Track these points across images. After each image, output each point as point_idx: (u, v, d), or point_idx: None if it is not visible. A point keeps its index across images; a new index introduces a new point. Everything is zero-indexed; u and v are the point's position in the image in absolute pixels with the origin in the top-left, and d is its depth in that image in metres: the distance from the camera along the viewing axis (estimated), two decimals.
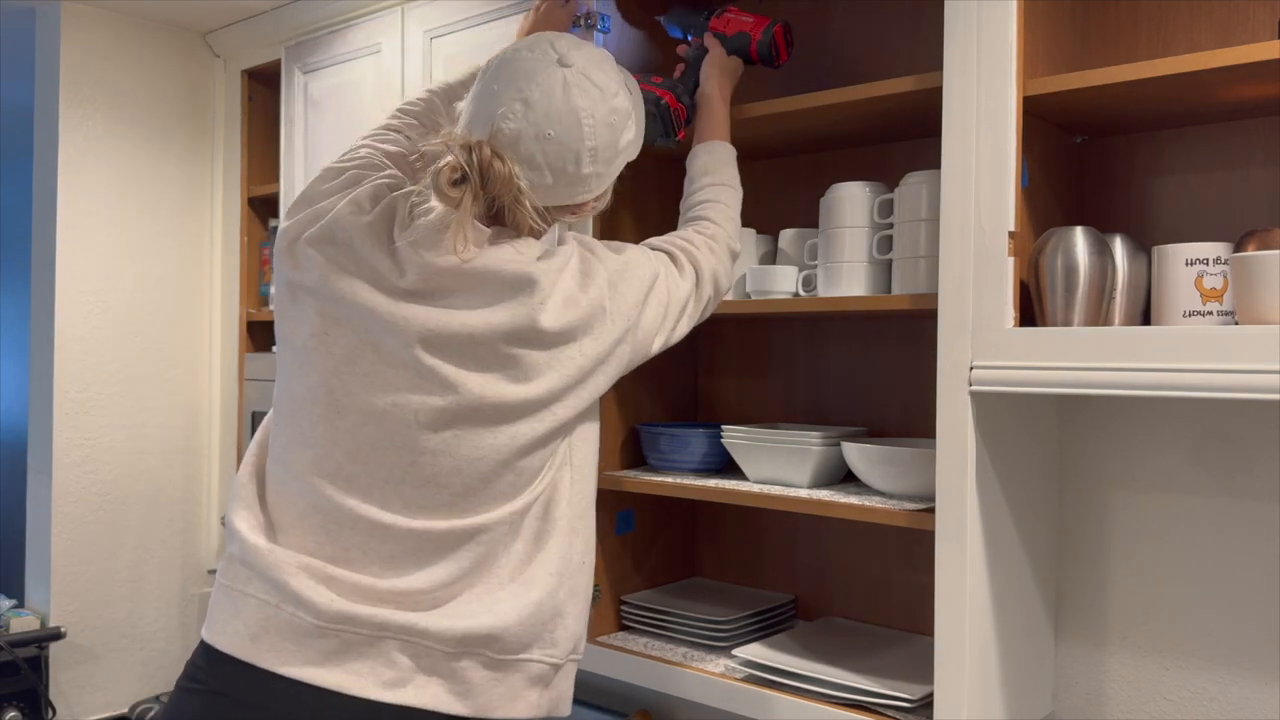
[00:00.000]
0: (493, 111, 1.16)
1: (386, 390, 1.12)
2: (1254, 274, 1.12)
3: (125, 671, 2.47)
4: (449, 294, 1.12)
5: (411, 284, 1.12)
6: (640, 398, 1.80)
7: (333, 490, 1.13)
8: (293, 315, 1.18)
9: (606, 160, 1.20)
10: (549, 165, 1.16)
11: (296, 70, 2.33)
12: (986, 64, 1.25)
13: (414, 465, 1.12)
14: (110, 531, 2.44)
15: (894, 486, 1.45)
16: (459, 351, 1.12)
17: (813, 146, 1.74)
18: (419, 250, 1.12)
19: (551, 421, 1.15)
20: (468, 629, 1.11)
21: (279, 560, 1.12)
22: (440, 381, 1.11)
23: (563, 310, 1.14)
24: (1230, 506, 1.39)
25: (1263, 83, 1.20)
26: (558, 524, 1.18)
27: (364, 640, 1.09)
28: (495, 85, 1.17)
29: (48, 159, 2.37)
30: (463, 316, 1.11)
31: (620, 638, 1.71)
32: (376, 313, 1.12)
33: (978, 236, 1.26)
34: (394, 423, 1.12)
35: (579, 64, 1.18)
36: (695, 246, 1.35)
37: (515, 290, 1.12)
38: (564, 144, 1.15)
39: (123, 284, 2.46)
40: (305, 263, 1.16)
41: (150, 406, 2.51)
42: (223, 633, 1.12)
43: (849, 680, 1.42)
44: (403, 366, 1.12)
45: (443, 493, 1.13)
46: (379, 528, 1.13)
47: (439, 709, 1.10)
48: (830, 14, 1.76)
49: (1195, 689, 1.42)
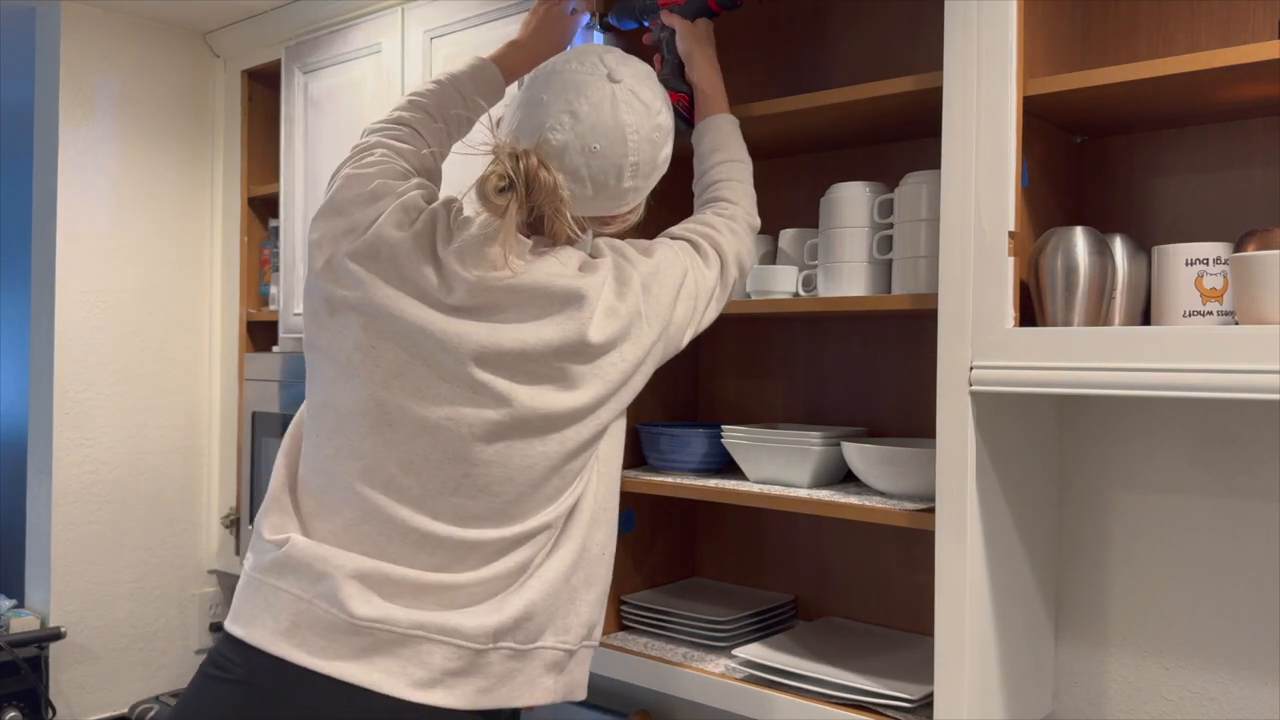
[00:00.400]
0: (540, 122, 1.17)
1: (439, 404, 1.12)
2: (1254, 274, 1.12)
3: (125, 671, 2.47)
4: (499, 310, 1.13)
5: (460, 300, 1.12)
6: (640, 398, 1.79)
7: (384, 501, 1.14)
8: (333, 327, 1.16)
9: (646, 175, 1.23)
10: (592, 178, 1.18)
11: (296, 70, 2.33)
12: (986, 64, 1.25)
13: (468, 476, 1.13)
14: (110, 531, 2.44)
15: (894, 486, 1.45)
16: (511, 366, 1.13)
17: (813, 146, 1.74)
18: (466, 266, 1.12)
19: (595, 426, 1.18)
20: (500, 621, 1.12)
21: (326, 556, 1.12)
22: (494, 395, 1.12)
23: (605, 322, 1.15)
24: (1230, 506, 1.39)
25: (1263, 83, 1.20)
26: (582, 515, 1.20)
27: (397, 639, 1.09)
28: (544, 95, 1.18)
29: (48, 159, 2.37)
30: (515, 332, 1.12)
31: (620, 638, 1.71)
32: (427, 329, 1.12)
33: (978, 236, 1.26)
34: (448, 436, 1.13)
35: (628, 80, 1.20)
36: (716, 230, 1.36)
37: (564, 305, 1.13)
38: (609, 158, 1.17)
39: (123, 284, 2.46)
40: (346, 278, 1.15)
41: (150, 406, 2.51)
42: (251, 625, 1.12)
43: (849, 680, 1.42)
44: (456, 381, 1.12)
45: (494, 500, 1.14)
46: (430, 538, 1.13)
47: (466, 707, 1.11)
48: (830, 14, 1.76)
49: (1195, 689, 1.42)
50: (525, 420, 1.13)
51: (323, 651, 1.09)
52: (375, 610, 1.09)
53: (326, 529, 1.16)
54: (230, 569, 2.57)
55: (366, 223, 1.16)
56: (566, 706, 1.97)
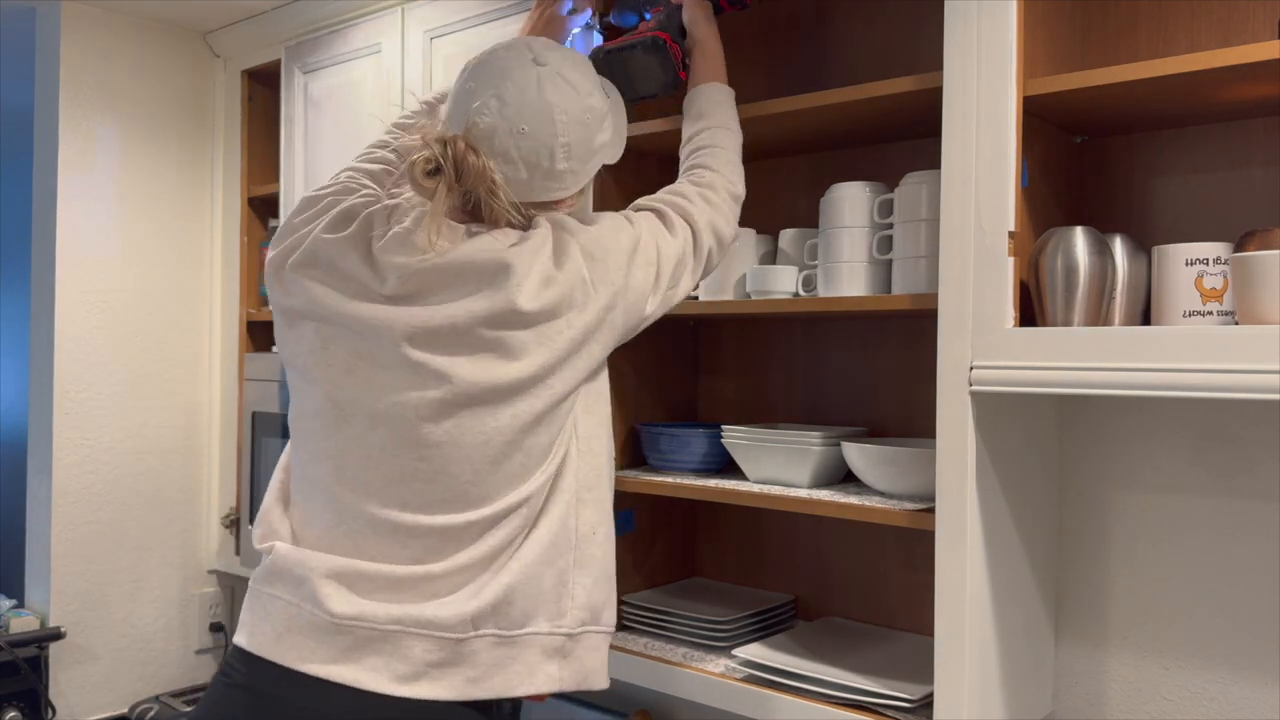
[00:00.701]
0: (468, 108, 1.19)
1: (385, 392, 1.14)
2: (1254, 274, 1.12)
3: (125, 671, 2.47)
4: (431, 292, 1.15)
5: (393, 289, 1.15)
6: (640, 398, 1.80)
7: (354, 498, 1.16)
8: (292, 339, 1.22)
9: (581, 158, 1.23)
10: (523, 159, 1.19)
11: (296, 70, 2.33)
12: (986, 64, 1.25)
13: (424, 460, 1.14)
14: (110, 531, 2.44)
15: (894, 486, 1.45)
16: (445, 342, 1.14)
17: (813, 146, 1.74)
18: (396, 254, 1.15)
19: (549, 397, 1.17)
20: (478, 607, 1.12)
21: (304, 559, 1.15)
22: (433, 374, 1.13)
23: (541, 290, 1.15)
24: (1230, 506, 1.39)
25: (1263, 83, 1.20)
26: (562, 494, 1.19)
27: (378, 635, 1.11)
28: (471, 83, 1.21)
29: (48, 159, 2.37)
30: (445, 309, 1.14)
31: (620, 638, 1.71)
32: (363, 320, 1.15)
33: (978, 236, 1.26)
34: (397, 422, 1.14)
35: (554, 63, 1.21)
36: (688, 199, 1.35)
37: (492, 276, 1.14)
38: (538, 139, 1.18)
39: (123, 284, 2.46)
40: (293, 288, 1.20)
41: (150, 406, 2.51)
42: (252, 634, 1.16)
43: (849, 680, 1.42)
44: (396, 366, 1.14)
45: (455, 482, 1.14)
46: (401, 529, 1.14)
47: (453, 698, 1.11)
48: (830, 14, 1.76)
49: (1195, 689, 1.42)
50: (469, 394, 1.13)
51: (313, 653, 1.11)
52: (353, 608, 1.12)
53: (313, 535, 1.19)
54: (230, 569, 2.57)
55: (306, 233, 1.21)
56: (566, 705, 1.97)
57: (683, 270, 1.31)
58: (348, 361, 1.17)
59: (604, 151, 1.27)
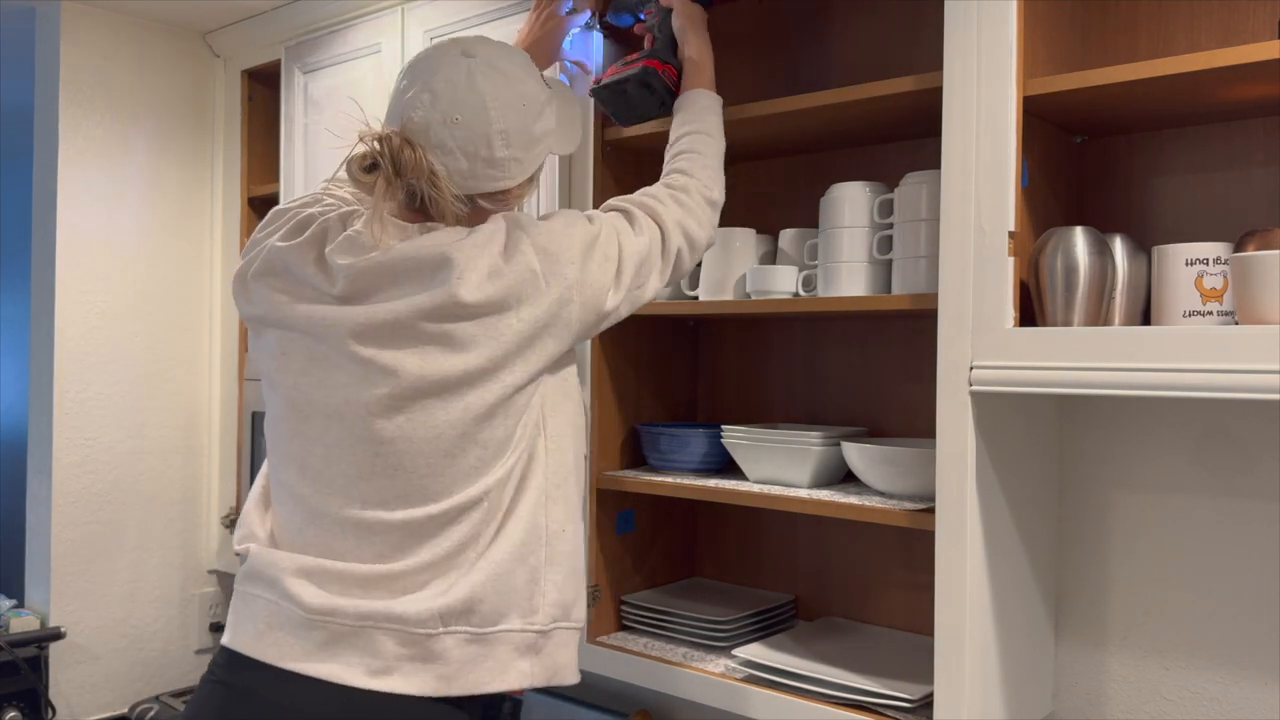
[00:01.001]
0: (403, 105, 1.21)
1: (338, 391, 1.17)
2: (1254, 274, 1.12)
3: (125, 671, 2.47)
4: (378, 289, 1.16)
5: (342, 290, 1.17)
6: (640, 398, 1.80)
7: (318, 499, 1.18)
8: (259, 346, 1.25)
9: (522, 145, 1.23)
10: (461, 149, 1.19)
11: (296, 70, 2.33)
12: (986, 64, 1.25)
13: (379, 456, 1.15)
14: (110, 531, 2.44)
15: (894, 486, 1.45)
16: (391, 337, 1.15)
17: (813, 146, 1.74)
18: (343, 256, 1.17)
19: (501, 390, 1.17)
20: (446, 604, 1.13)
21: (276, 559, 1.18)
22: (381, 370, 1.15)
23: (485, 282, 1.15)
24: (1230, 506, 1.39)
25: (1263, 83, 1.20)
26: (530, 493, 1.20)
27: (350, 631, 1.13)
28: (404, 82, 1.23)
29: (48, 159, 2.37)
30: (389, 306, 1.15)
31: (620, 638, 1.71)
32: (314, 321, 1.18)
33: (978, 236, 1.26)
34: (351, 420, 1.16)
35: (483, 54, 1.23)
36: (658, 200, 1.36)
37: (434, 270, 1.15)
38: (473, 127, 1.19)
39: (123, 284, 2.46)
40: (255, 297, 1.23)
41: (150, 406, 2.51)
42: (236, 633, 1.19)
43: (849, 680, 1.42)
44: (346, 363, 1.16)
45: (411, 476, 1.15)
46: (363, 525, 1.16)
47: (426, 694, 1.12)
48: (830, 14, 1.76)
49: (1195, 689, 1.42)
50: (417, 388, 1.14)
51: (291, 649, 1.13)
52: (324, 602, 1.14)
53: (288, 537, 1.21)
54: (230, 569, 2.57)
55: (264, 243, 1.24)
56: (567, 705, 1.97)
57: (649, 270, 1.31)
58: (303, 364, 1.19)
59: (549, 139, 1.28)
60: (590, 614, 1.69)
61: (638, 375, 1.78)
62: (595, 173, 1.69)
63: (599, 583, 1.71)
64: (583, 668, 1.68)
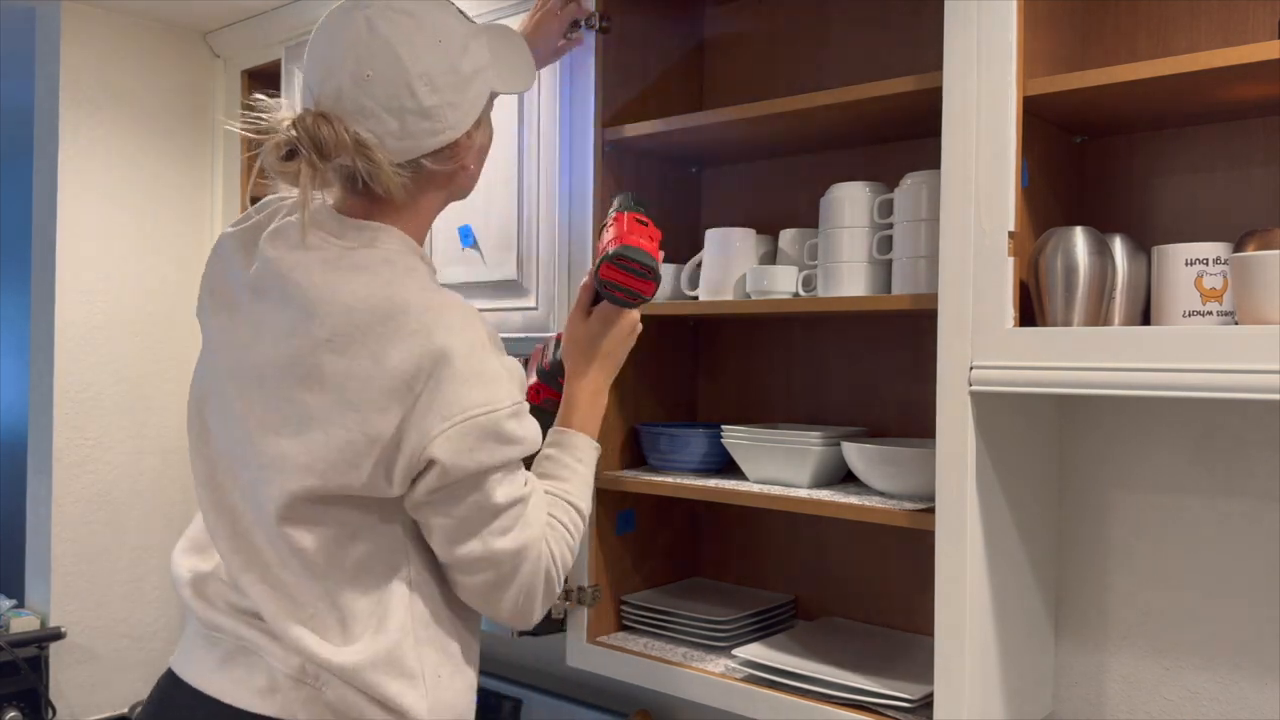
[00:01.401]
0: (309, 81, 1.12)
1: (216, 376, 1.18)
2: (1254, 274, 1.12)
3: (125, 671, 2.47)
4: (261, 306, 1.12)
5: (252, 279, 1.13)
6: (640, 398, 1.80)
7: (212, 500, 1.17)
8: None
9: (453, 86, 1.11)
10: (384, 106, 1.08)
11: (296, 70, 2.33)
12: (986, 64, 1.25)
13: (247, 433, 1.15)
14: (110, 531, 2.44)
15: (894, 486, 1.45)
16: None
17: (813, 146, 1.74)
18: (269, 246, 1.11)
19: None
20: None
21: (177, 573, 1.19)
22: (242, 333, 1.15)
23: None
24: (1230, 506, 1.39)
25: (1263, 83, 1.20)
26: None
27: (239, 648, 1.12)
28: (309, 60, 1.13)
29: (48, 159, 2.37)
30: (262, 351, 1.12)
31: (620, 638, 1.71)
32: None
33: (978, 236, 1.26)
34: (226, 394, 1.16)
35: (380, 2, 1.11)
36: (550, 525, 1.18)
37: (296, 312, 1.09)
38: (387, 78, 1.08)
39: (123, 284, 2.46)
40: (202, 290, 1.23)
41: (151, 405, 2.51)
42: (178, 648, 1.20)
43: (849, 680, 1.42)
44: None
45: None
46: (243, 529, 1.15)
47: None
48: (830, 14, 1.76)
49: (1195, 689, 1.42)
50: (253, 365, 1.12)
51: (199, 665, 1.14)
52: (206, 613, 1.14)
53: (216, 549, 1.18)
54: None
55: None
56: (566, 705, 1.97)
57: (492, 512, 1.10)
58: (203, 356, 1.21)
59: (486, 75, 1.15)
60: (590, 614, 1.70)
61: (637, 375, 1.78)
62: (596, 172, 1.68)
63: (599, 582, 1.71)
64: (584, 668, 1.69)
